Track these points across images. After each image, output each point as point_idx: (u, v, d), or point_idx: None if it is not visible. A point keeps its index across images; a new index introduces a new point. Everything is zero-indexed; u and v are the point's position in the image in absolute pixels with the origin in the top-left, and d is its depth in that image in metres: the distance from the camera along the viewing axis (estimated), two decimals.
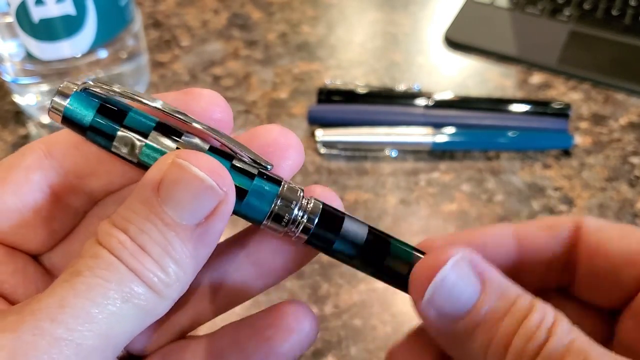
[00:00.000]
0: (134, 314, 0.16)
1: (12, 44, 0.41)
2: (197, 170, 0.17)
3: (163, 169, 0.17)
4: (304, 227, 0.19)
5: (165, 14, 0.58)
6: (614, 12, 0.57)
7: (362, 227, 0.20)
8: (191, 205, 0.16)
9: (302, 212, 0.19)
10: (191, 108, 0.19)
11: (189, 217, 0.16)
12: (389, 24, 0.58)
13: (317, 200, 0.19)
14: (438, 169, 0.44)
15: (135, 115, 0.18)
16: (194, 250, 0.17)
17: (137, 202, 0.17)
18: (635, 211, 0.41)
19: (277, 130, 0.20)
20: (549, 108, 0.47)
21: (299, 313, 0.20)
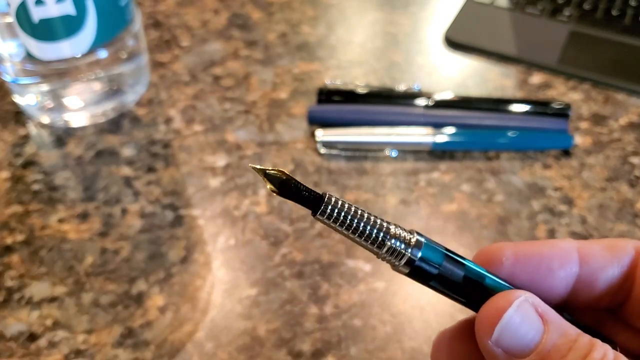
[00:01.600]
0: None
1: (12, 44, 0.41)
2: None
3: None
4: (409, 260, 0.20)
5: (165, 14, 0.58)
6: (614, 12, 0.57)
7: (459, 269, 0.21)
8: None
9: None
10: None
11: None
12: (389, 24, 0.58)
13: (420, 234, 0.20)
14: (438, 169, 0.44)
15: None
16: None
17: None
18: (635, 211, 0.41)
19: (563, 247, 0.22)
20: (549, 108, 0.47)
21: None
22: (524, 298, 0.19)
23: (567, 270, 0.21)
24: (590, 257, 0.21)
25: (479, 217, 0.40)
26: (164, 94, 0.49)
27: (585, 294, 0.22)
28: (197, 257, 0.38)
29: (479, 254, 0.22)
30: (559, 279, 0.21)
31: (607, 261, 0.21)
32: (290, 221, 0.40)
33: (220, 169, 0.43)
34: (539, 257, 0.21)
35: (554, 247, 0.22)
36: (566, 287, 0.21)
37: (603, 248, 0.22)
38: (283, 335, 0.34)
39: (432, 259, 0.20)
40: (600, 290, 0.22)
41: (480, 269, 0.21)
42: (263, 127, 0.47)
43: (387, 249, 0.19)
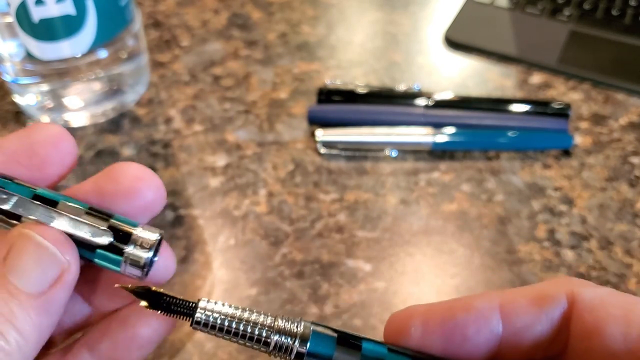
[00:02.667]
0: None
1: (12, 44, 0.41)
2: (40, 239, 0.17)
3: (10, 240, 0.17)
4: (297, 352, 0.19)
5: (165, 14, 0.58)
6: (614, 12, 0.57)
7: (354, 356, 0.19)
8: (34, 273, 0.17)
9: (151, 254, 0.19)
10: (35, 139, 0.20)
11: (32, 285, 0.17)
12: (389, 24, 0.58)
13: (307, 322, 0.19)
14: (438, 169, 0.44)
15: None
16: (37, 318, 0.17)
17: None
18: (635, 211, 0.41)
19: (134, 167, 0.20)
20: (549, 108, 0.47)
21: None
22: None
23: (485, 335, 0.19)
24: (514, 315, 0.19)
25: (479, 217, 0.40)
26: (164, 94, 0.49)
27: (513, 352, 0.20)
28: (197, 257, 0.38)
29: (389, 322, 0.20)
30: (476, 345, 0.19)
31: (534, 318, 0.19)
32: (290, 221, 0.40)
33: (220, 169, 0.43)
34: (452, 324, 0.19)
35: (470, 309, 0.20)
36: (488, 350, 0.20)
37: (529, 302, 0.19)
38: None
39: (321, 350, 0.19)
40: (528, 347, 0.20)
41: (381, 348, 0.19)
42: (263, 127, 0.47)
43: (273, 346, 0.19)
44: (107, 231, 0.19)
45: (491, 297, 0.20)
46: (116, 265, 0.19)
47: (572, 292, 0.19)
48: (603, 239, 0.39)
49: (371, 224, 0.40)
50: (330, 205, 0.41)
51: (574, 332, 0.19)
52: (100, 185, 0.20)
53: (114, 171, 0.20)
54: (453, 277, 0.37)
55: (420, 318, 0.20)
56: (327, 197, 0.41)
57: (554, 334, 0.19)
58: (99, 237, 0.19)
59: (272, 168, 0.43)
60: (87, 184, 0.20)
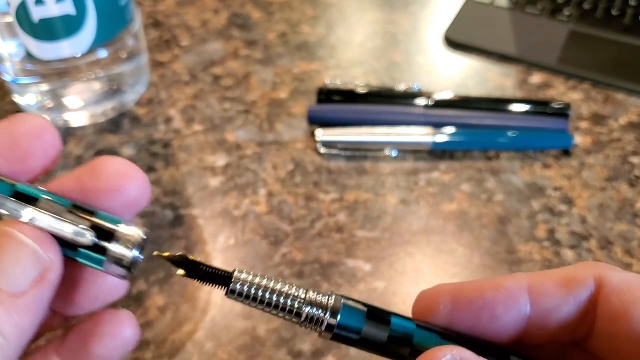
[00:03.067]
0: None
1: (12, 44, 0.41)
2: (22, 236, 0.17)
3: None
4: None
5: (165, 14, 0.58)
6: (614, 12, 0.57)
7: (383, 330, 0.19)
8: (16, 271, 0.16)
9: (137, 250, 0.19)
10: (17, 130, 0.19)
11: (14, 284, 0.16)
12: (389, 24, 0.58)
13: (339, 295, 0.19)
14: (438, 169, 0.44)
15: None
16: (19, 319, 0.16)
17: None
18: (635, 211, 0.41)
19: (117, 162, 0.19)
20: (549, 108, 0.47)
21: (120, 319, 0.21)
22: (449, 357, 0.17)
23: (514, 315, 0.20)
24: (543, 296, 0.20)
25: (479, 217, 0.40)
26: (164, 94, 0.49)
27: (540, 333, 0.20)
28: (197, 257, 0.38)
29: (418, 299, 0.21)
30: (504, 325, 0.20)
31: (561, 300, 0.19)
32: (290, 221, 0.40)
33: (220, 169, 0.43)
34: (481, 303, 0.20)
35: (499, 289, 0.20)
36: (515, 330, 0.20)
37: (557, 284, 0.20)
38: (283, 335, 0.34)
39: (351, 323, 0.19)
40: (555, 328, 0.20)
41: (410, 324, 0.19)
42: (263, 127, 0.47)
43: (304, 318, 0.19)
44: (90, 230, 0.18)
45: (520, 278, 0.20)
46: (99, 264, 0.19)
47: (599, 276, 0.19)
48: (603, 239, 0.39)
49: (371, 224, 0.40)
50: (330, 205, 0.41)
51: (601, 315, 0.19)
52: (83, 181, 0.19)
53: (97, 166, 0.19)
54: (453, 277, 0.37)
55: (449, 296, 0.20)
56: (327, 197, 0.41)
57: (581, 317, 0.20)
58: (81, 236, 0.18)
59: (272, 168, 0.43)
60: (69, 179, 0.20)
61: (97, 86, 0.46)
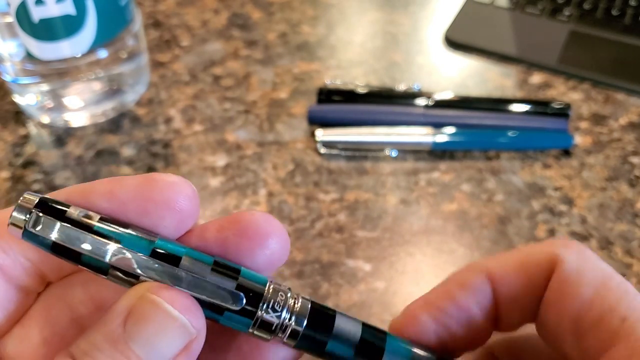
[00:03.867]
0: None
1: (12, 44, 0.41)
2: (170, 308, 0.16)
3: (133, 302, 0.16)
4: (292, 330, 0.17)
5: (165, 14, 0.58)
6: (614, 12, 0.57)
7: (355, 324, 0.19)
8: (161, 344, 0.16)
9: (289, 314, 0.17)
10: (153, 197, 0.17)
11: (158, 356, 0.16)
12: (389, 24, 0.58)
13: (305, 298, 0.18)
14: (438, 169, 0.44)
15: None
16: None
17: (101, 337, 0.16)
18: (635, 211, 0.41)
19: (260, 217, 0.18)
20: (549, 108, 0.47)
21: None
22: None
23: (480, 304, 0.20)
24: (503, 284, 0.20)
25: (479, 216, 0.40)
26: (164, 94, 0.49)
27: (510, 316, 0.20)
28: None
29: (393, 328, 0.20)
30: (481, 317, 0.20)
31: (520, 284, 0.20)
32: (290, 221, 0.40)
33: (220, 169, 0.43)
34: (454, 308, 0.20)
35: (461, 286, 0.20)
36: (491, 320, 0.20)
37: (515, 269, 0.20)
38: None
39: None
40: (522, 310, 0.20)
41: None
42: (263, 127, 0.47)
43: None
44: (238, 294, 0.17)
45: (477, 268, 0.20)
46: (244, 326, 0.17)
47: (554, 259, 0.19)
48: (603, 239, 0.39)
49: (371, 224, 0.40)
50: (330, 205, 0.41)
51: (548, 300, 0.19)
52: (225, 235, 0.18)
53: (241, 220, 0.18)
54: None
55: (428, 314, 0.20)
56: (327, 197, 0.41)
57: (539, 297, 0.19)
58: (230, 301, 0.17)
59: (272, 168, 0.43)
60: (210, 230, 0.18)
61: (97, 86, 0.46)
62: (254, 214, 0.18)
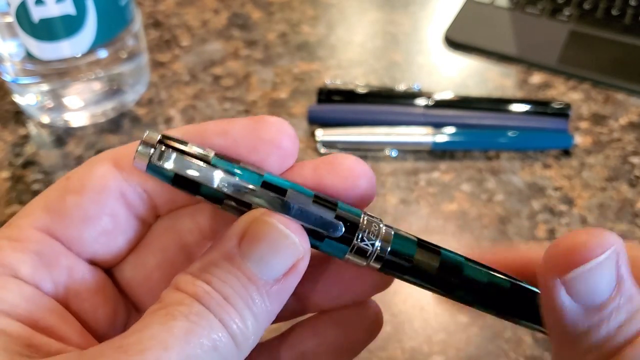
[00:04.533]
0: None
1: (12, 44, 0.41)
2: (282, 227, 0.17)
3: (247, 225, 0.17)
4: (377, 256, 0.19)
5: (165, 14, 0.58)
6: (614, 12, 0.57)
7: (434, 254, 0.20)
8: (273, 261, 0.17)
9: (381, 242, 0.19)
10: (262, 135, 0.19)
11: (270, 272, 0.17)
12: (389, 24, 0.58)
13: (388, 227, 0.19)
14: (438, 169, 0.44)
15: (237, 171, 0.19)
16: (271, 306, 0.17)
17: (218, 255, 0.17)
18: (635, 211, 0.41)
19: (352, 160, 0.20)
20: (549, 108, 0.47)
21: (369, 306, 0.22)
22: (614, 249, 0.17)
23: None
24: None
25: (479, 216, 0.40)
26: (164, 94, 0.49)
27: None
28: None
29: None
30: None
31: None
32: None
33: None
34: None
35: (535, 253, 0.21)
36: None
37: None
38: None
39: (404, 250, 0.20)
40: None
41: (459, 258, 0.20)
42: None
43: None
44: (337, 222, 0.19)
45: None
46: (342, 253, 0.19)
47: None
48: None
49: None
50: None
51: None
52: (321, 174, 0.20)
53: (334, 162, 0.20)
54: None
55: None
56: None
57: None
58: (332, 227, 0.19)
59: None
60: (307, 169, 0.20)
61: (97, 86, 0.46)
62: (346, 156, 0.20)
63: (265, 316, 0.17)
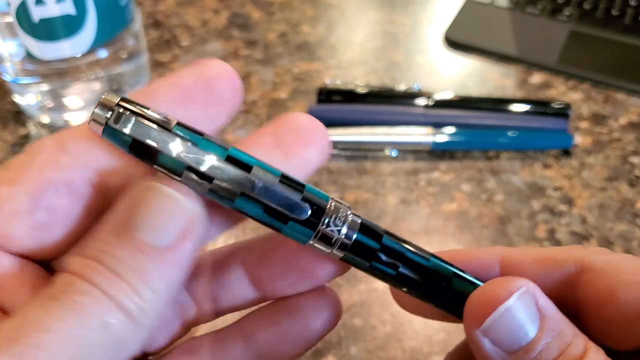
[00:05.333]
0: (113, 341, 0.15)
1: (12, 44, 0.41)
2: (165, 188, 0.16)
3: (132, 194, 0.16)
4: (342, 244, 0.18)
5: (165, 14, 0.58)
6: (614, 12, 0.57)
7: (402, 240, 0.20)
8: (162, 227, 0.16)
9: (347, 229, 0.18)
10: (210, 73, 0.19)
11: (161, 239, 0.16)
12: (389, 24, 0.58)
13: (355, 215, 0.19)
14: (438, 169, 0.44)
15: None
16: (167, 273, 0.16)
17: (107, 230, 0.16)
18: (635, 211, 0.41)
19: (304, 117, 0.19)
20: (549, 108, 0.47)
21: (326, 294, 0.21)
22: (525, 289, 0.17)
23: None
24: (514, 271, 0.20)
25: (479, 216, 0.40)
26: None
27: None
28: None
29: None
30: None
31: (533, 277, 0.19)
32: None
33: None
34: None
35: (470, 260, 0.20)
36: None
37: (533, 262, 0.20)
38: None
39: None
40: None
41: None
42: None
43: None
44: (303, 205, 0.18)
45: (495, 250, 0.20)
46: (305, 237, 0.18)
47: (581, 259, 0.19)
48: (603, 239, 0.39)
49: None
50: None
51: (586, 300, 0.19)
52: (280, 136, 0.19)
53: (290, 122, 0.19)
54: None
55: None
56: None
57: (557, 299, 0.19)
58: (297, 209, 0.18)
59: None
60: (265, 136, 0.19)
61: (97, 86, 0.46)
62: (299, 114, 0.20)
63: (165, 286, 0.16)
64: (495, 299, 0.17)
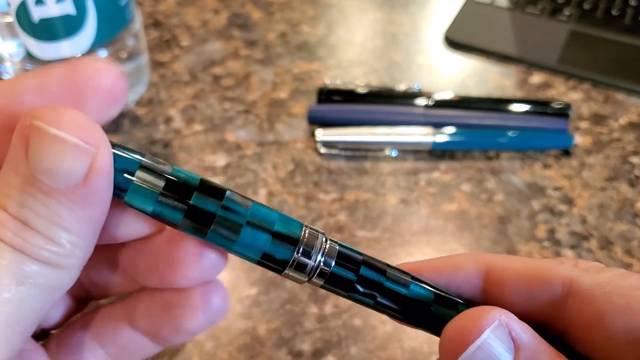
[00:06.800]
0: (35, 294, 0.15)
1: (12, 44, 0.41)
2: (56, 131, 0.15)
3: (24, 134, 0.15)
4: (321, 271, 0.18)
5: (165, 14, 0.58)
6: (614, 12, 0.57)
7: (380, 269, 0.19)
8: (61, 168, 0.15)
9: (323, 257, 0.18)
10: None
11: (64, 180, 0.15)
12: (389, 24, 0.58)
13: (333, 241, 0.19)
14: (438, 169, 0.44)
15: None
16: (83, 212, 0.16)
17: (11, 174, 0.15)
18: (635, 211, 0.41)
19: (97, 61, 0.18)
20: (549, 108, 0.47)
21: (209, 290, 0.20)
22: (499, 322, 0.17)
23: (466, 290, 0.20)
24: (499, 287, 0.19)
25: (479, 216, 0.40)
26: (164, 94, 0.49)
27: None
28: None
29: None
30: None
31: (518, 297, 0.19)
32: None
33: (220, 169, 0.43)
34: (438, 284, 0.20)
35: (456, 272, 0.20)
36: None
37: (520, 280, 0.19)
38: (283, 335, 0.34)
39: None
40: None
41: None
42: (263, 126, 0.47)
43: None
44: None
45: (480, 260, 0.20)
46: (281, 266, 0.18)
47: (569, 281, 0.19)
48: (603, 239, 0.39)
49: (371, 224, 0.40)
50: (330, 205, 0.41)
51: (574, 322, 0.18)
52: (71, 79, 0.18)
53: (79, 65, 0.18)
54: None
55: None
56: (327, 197, 0.41)
57: (541, 318, 0.19)
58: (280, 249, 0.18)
59: (272, 168, 0.43)
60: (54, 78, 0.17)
61: None
62: (88, 58, 0.19)
63: (84, 224, 0.16)
64: (467, 336, 0.17)
